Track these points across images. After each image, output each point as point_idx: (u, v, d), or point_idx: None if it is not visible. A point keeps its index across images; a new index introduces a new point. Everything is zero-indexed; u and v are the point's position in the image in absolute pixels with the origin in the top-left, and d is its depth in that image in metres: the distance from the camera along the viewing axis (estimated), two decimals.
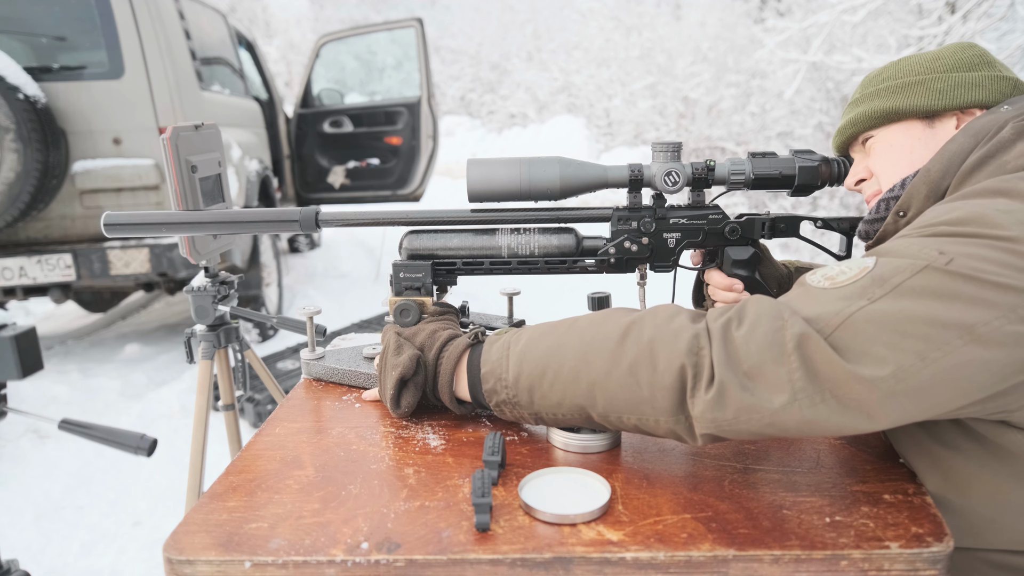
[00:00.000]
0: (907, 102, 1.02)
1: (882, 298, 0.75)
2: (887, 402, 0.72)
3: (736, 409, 0.75)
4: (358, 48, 11.95)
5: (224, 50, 4.98)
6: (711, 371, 0.77)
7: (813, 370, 0.73)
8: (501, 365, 0.91)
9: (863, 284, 0.77)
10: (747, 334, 0.76)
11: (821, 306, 0.77)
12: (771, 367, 0.74)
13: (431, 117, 5.56)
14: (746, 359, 0.75)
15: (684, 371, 0.78)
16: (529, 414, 0.91)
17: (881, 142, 1.06)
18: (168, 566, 0.75)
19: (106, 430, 1.34)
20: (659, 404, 0.80)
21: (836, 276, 0.81)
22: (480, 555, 0.73)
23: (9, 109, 3.32)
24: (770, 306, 0.79)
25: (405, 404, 1.01)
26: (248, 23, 21.29)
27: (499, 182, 1.08)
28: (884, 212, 1.03)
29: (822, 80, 8.87)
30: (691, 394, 0.78)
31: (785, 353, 0.74)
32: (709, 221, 1.12)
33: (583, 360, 0.85)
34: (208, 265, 1.72)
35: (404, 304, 1.11)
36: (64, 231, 3.83)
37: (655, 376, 0.80)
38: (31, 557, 2.37)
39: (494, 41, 27.07)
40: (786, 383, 0.73)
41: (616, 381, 0.82)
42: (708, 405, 0.76)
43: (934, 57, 1.03)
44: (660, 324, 0.82)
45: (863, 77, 1.10)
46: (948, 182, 0.93)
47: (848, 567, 0.72)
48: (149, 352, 4.43)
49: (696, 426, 0.79)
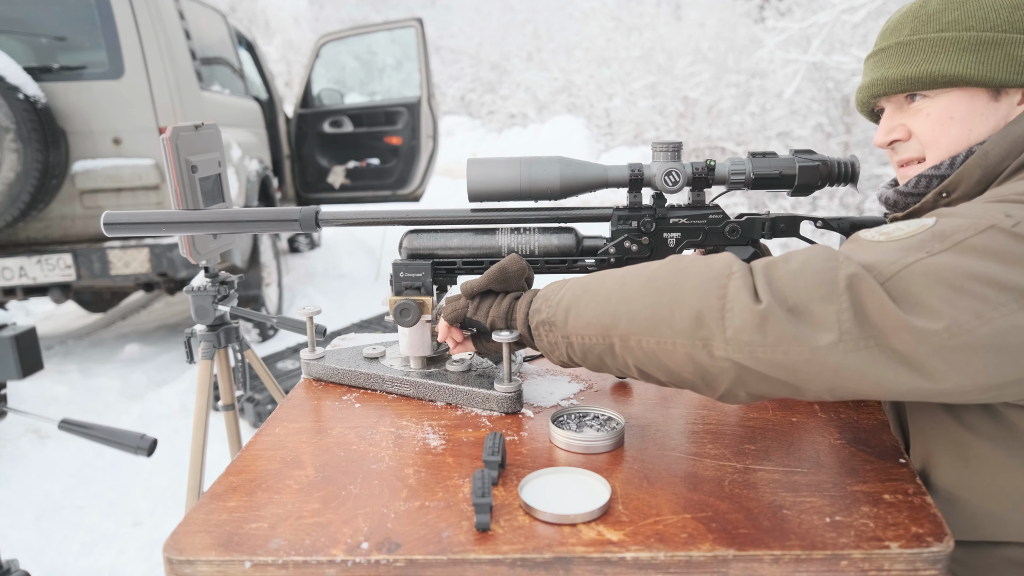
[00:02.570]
0: (981, 70, 0.89)
1: (942, 252, 0.72)
2: (935, 356, 0.69)
3: (777, 337, 0.72)
4: (358, 48, 11.94)
5: (224, 50, 4.98)
6: (754, 294, 0.74)
7: (863, 313, 0.70)
8: (554, 290, 0.93)
9: (922, 238, 0.75)
10: (797, 270, 0.74)
11: (877, 255, 0.74)
12: (819, 304, 0.71)
13: (431, 117, 5.56)
14: (792, 295, 0.73)
15: (709, 293, 0.76)
16: (561, 337, 0.89)
17: (938, 108, 0.94)
18: (168, 566, 0.75)
19: (106, 430, 1.34)
20: (677, 324, 0.78)
21: (892, 232, 0.78)
22: (480, 555, 0.73)
23: (9, 109, 3.32)
24: (824, 250, 0.76)
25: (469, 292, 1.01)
26: (248, 23, 21.29)
27: (499, 182, 1.09)
28: (924, 188, 0.96)
29: (822, 80, 8.87)
30: (720, 315, 0.75)
31: (837, 292, 0.71)
32: (709, 221, 1.12)
33: (620, 282, 0.85)
34: (208, 265, 1.72)
35: (404, 304, 1.11)
36: (64, 231, 3.83)
37: (678, 294, 0.78)
38: (31, 557, 2.37)
39: (494, 41, 27.06)
40: (834, 322, 0.70)
41: (642, 299, 0.81)
42: (748, 326, 0.73)
43: (1013, 5, 0.89)
44: (702, 257, 0.82)
45: (914, 4, 0.95)
46: (1005, 166, 0.87)
47: (848, 567, 0.72)
48: (149, 352, 4.43)
49: (724, 348, 0.75)
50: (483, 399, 1.08)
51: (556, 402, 1.11)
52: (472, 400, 1.10)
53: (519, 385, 1.08)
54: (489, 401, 1.08)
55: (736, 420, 1.03)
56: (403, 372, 1.17)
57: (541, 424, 1.03)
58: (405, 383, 1.15)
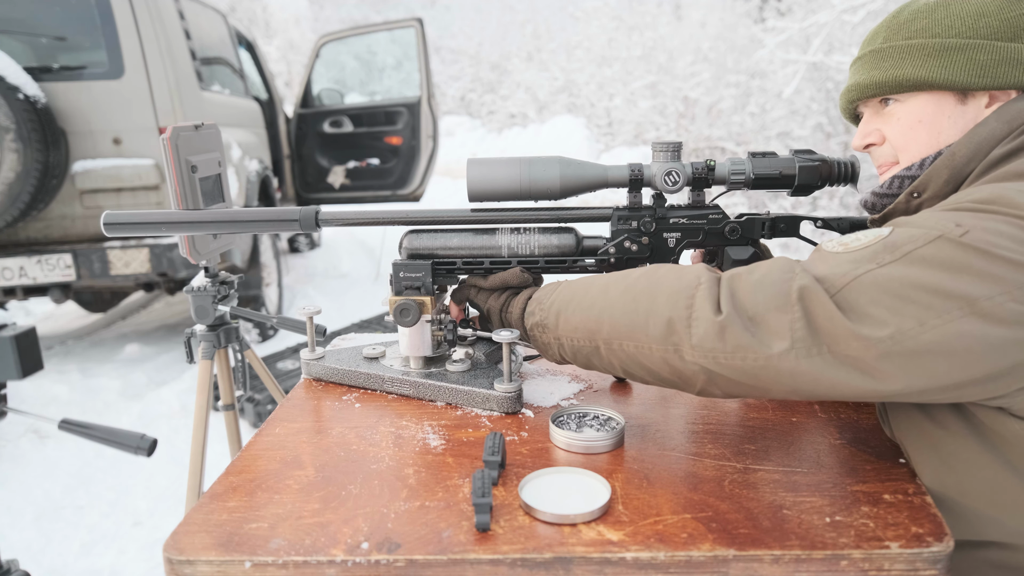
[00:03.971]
0: (944, 74, 0.92)
1: (891, 263, 0.76)
2: (883, 362, 0.73)
3: (735, 345, 0.78)
4: (358, 48, 11.96)
5: (224, 50, 4.98)
6: (716, 305, 0.80)
7: (814, 323, 0.75)
8: (546, 294, 1.00)
9: (875, 250, 0.78)
10: (757, 281, 0.79)
11: (831, 268, 0.78)
12: (774, 314, 0.77)
13: (431, 117, 5.56)
14: (751, 305, 0.78)
15: (678, 303, 0.82)
16: (553, 338, 0.97)
17: (907, 112, 0.97)
18: (168, 566, 0.75)
19: (106, 430, 1.34)
20: (652, 331, 0.84)
21: (850, 242, 0.82)
22: (480, 555, 0.73)
23: (9, 109, 3.32)
24: (783, 262, 0.81)
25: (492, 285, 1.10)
26: (248, 23, 21.29)
27: (499, 182, 1.09)
28: (897, 189, 0.99)
29: (822, 80, 8.87)
30: (687, 323, 0.81)
31: (789, 302, 0.76)
32: (709, 221, 1.12)
33: (603, 290, 0.92)
34: (208, 265, 1.72)
35: (404, 304, 1.11)
36: (64, 231, 3.83)
37: (652, 303, 0.85)
38: (31, 557, 2.37)
39: (494, 41, 27.07)
40: (787, 330, 0.75)
41: (622, 307, 0.88)
42: (709, 335, 0.79)
43: (977, 12, 0.91)
44: (676, 267, 0.89)
45: (890, 14, 1.00)
46: (972, 168, 0.90)
47: (848, 567, 0.72)
48: (149, 352, 4.43)
49: (692, 354, 0.80)
50: (483, 399, 1.08)
51: (556, 402, 1.12)
52: (472, 400, 1.10)
53: (519, 385, 1.08)
54: (489, 401, 1.08)
55: (736, 420, 1.03)
56: (403, 372, 1.17)
57: (541, 424, 1.03)
58: (405, 383, 1.15)
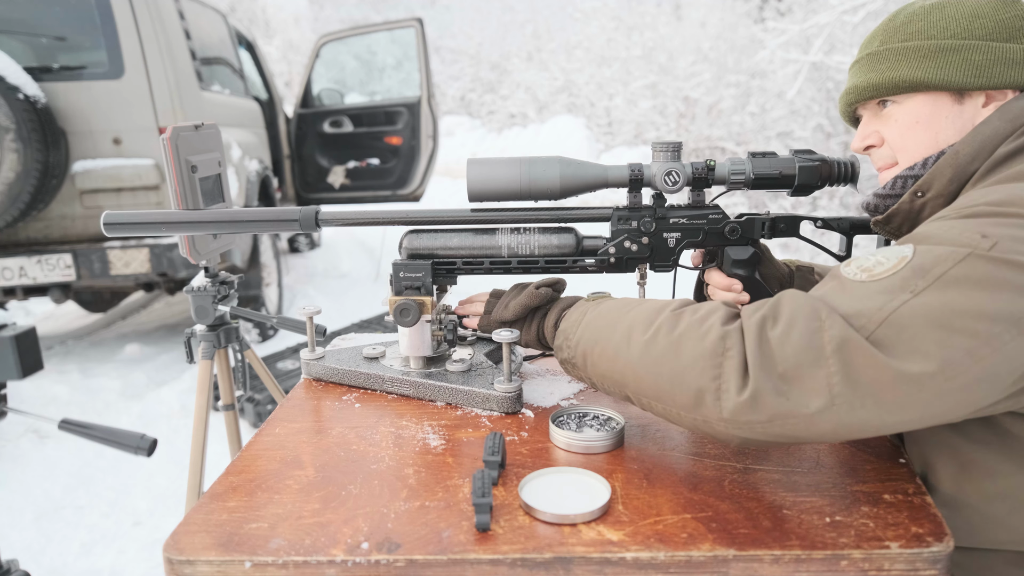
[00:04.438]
0: (939, 74, 0.92)
1: (925, 290, 0.72)
2: (935, 401, 0.69)
3: (771, 413, 0.72)
4: (358, 48, 11.95)
5: (224, 50, 4.97)
6: (744, 372, 0.74)
7: (854, 375, 0.70)
8: (572, 327, 0.97)
9: (904, 275, 0.74)
10: (783, 334, 0.73)
11: (860, 301, 0.74)
12: (808, 370, 0.71)
13: (431, 117, 5.56)
14: (782, 361, 0.72)
15: (704, 372, 0.76)
16: (585, 377, 0.95)
17: (905, 113, 0.97)
18: (168, 566, 0.75)
19: (106, 430, 1.34)
20: (679, 400, 0.79)
21: (873, 267, 0.77)
22: (480, 555, 0.73)
23: (9, 109, 3.32)
24: (806, 304, 0.75)
25: (511, 312, 1.08)
26: (248, 23, 21.29)
27: (499, 182, 1.08)
28: (900, 190, 0.98)
29: (822, 80, 8.87)
30: (716, 396, 0.75)
31: (823, 356, 0.71)
32: (709, 221, 1.12)
33: (625, 341, 0.87)
34: (208, 265, 1.72)
35: (404, 304, 1.11)
36: (64, 231, 3.83)
37: (676, 371, 0.79)
38: (31, 557, 2.37)
39: (494, 41, 27.06)
40: (824, 387, 0.70)
41: (644, 368, 0.83)
42: (741, 407, 0.73)
43: (972, 14, 0.92)
44: (693, 321, 0.81)
45: (887, 18, 1.00)
46: (976, 167, 0.89)
47: (848, 567, 0.72)
48: (149, 352, 4.43)
49: (726, 427, 0.76)
50: (483, 399, 1.08)
51: (556, 402, 1.11)
52: (472, 400, 1.10)
53: (519, 385, 1.08)
54: (489, 401, 1.08)
55: None
56: (403, 372, 1.17)
57: (541, 424, 1.03)
58: (405, 383, 1.15)
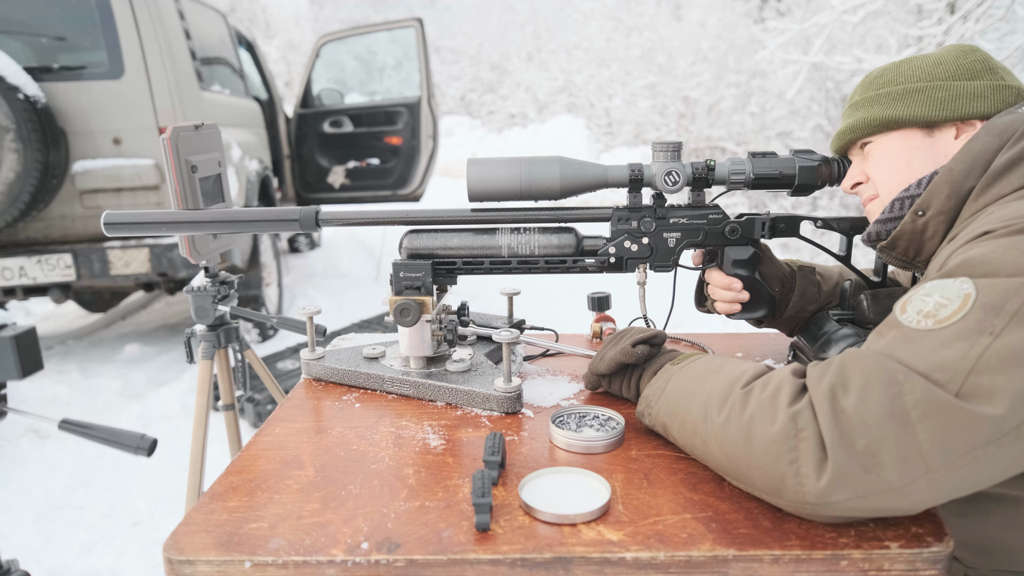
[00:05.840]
0: (907, 111, 1.01)
1: (1005, 329, 0.68)
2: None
3: (859, 490, 0.69)
4: (358, 48, 11.95)
5: (224, 50, 4.97)
6: (822, 453, 0.70)
7: (948, 439, 0.66)
8: (654, 394, 0.95)
9: (976, 316, 0.70)
10: (859, 404, 0.69)
11: (936, 352, 0.70)
12: (893, 442, 0.67)
13: (431, 117, 5.56)
14: (863, 434, 0.68)
15: (781, 457, 0.72)
16: (672, 441, 0.93)
17: (880, 149, 1.05)
18: (168, 566, 0.75)
19: (106, 430, 1.34)
20: (759, 485, 0.77)
21: (936, 312, 0.73)
22: (480, 555, 0.73)
23: (9, 109, 3.32)
24: (877, 365, 0.71)
25: (604, 367, 1.05)
26: (248, 23, 21.30)
27: (499, 182, 1.09)
28: (900, 211, 1.01)
29: (822, 80, 8.88)
30: (796, 480, 0.71)
31: (909, 423, 0.67)
32: (709, 221, 1.12)
33: (702, 419, 0.84)
34: (208, 265, 1.72)
35: (404, 304, 1.11)
36: (64, 231, 3.83)
37: (750, 455, 0.76)
38: (31, 557, 2.37)
39: (494, 41, 27.07)
40: (915, 456, 0.66)
41: (721, 451, 0.80)
42: (826, 490, 0.70)
43: (936, 62, 1.01)
44: (763, 400, 0.77)
45: (863, 77, 1.10)
46: (972, 183, 0.92)
47: (848, 567, 0.72)
48: (149, 352, 4.43)
49: (815, 509, 0.72)
50: (483, 399, 1.08)
51: (556, 402, 1.11)
52: (472, 400, 1.10)
53: (519, 385, 1.08)
54: (489, 401, 1.08)
55: None
56: (403, 372, 1.17)
57: (541, 424, 1.03)
58: (405, 383, 1.15)
